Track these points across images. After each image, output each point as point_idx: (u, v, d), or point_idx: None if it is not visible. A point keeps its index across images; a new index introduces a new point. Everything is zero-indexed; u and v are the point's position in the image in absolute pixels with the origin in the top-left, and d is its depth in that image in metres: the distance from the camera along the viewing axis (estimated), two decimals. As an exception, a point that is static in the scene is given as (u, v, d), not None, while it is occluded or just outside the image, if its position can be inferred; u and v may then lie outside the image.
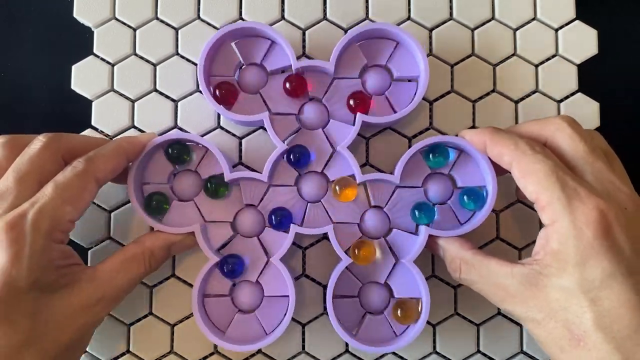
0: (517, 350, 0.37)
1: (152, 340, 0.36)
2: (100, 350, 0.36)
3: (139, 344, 0.37)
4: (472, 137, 0.33)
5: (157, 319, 0.37)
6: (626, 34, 0.39)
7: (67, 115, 0.38)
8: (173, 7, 0.38)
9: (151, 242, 0.33)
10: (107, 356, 0.36)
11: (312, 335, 0.37)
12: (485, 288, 0.31)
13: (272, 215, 0.35)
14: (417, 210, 0.34)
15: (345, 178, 0.35)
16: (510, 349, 0.37)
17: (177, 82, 0.38)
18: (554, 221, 0.28)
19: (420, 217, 0.34)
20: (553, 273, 0.28)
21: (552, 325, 0.28)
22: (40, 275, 0.28)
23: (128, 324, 0.37)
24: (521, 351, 0.37)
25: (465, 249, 0.32)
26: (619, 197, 0.28)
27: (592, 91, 0.38)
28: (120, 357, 0.36)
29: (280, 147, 0.35)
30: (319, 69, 0.36)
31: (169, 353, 0.36)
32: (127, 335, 0.37)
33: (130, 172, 0.34)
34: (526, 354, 0.37)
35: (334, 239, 0.34)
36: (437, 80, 0.38)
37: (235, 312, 0.35)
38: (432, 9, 0.38)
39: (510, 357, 0.37)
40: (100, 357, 0.36)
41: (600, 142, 0.32)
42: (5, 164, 0.31)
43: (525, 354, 0.37)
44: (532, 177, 0.29)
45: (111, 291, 0.31)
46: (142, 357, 0.36)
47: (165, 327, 0.36)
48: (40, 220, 0.28)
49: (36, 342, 0.28)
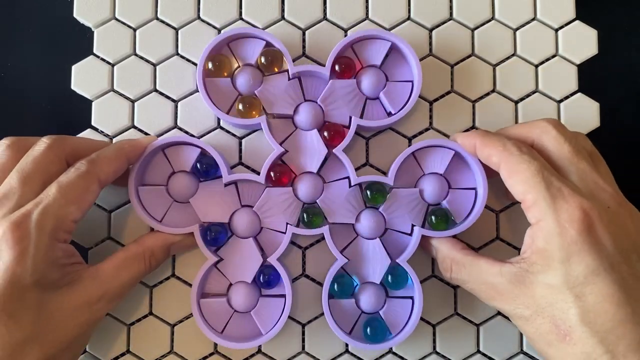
0: (517, 350, 0.37)
1: (152, 340, 0.37)
2: (100, 350, 0.37)
3: (139, 344, 0.37)
4: (463, 140, 0.34)
5: (157, 319, 0.37)
6: (626, 34, 0.39)
7: (67, 115, 0.38)
8: (173, 7, 0.38)
9: (152, 242, 0.34)
10: (107, 356, 0.37)
11: (312, 335, 0.37)
12: (476, 287, 0.32)
13: (207, 231, 0.36)
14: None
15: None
16: (510, 349, 0.37)
17: (177, 82, 0.38)
18: (539, 220, 0.29)
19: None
20: (539, 270, 0.29)
21: (540, 321, 0.29)
22: (44, 274, 0.29)
23: (128, 324, 0.37)
24: (521, 351, 0.37)
25: (456, 249, 0.34)
26: (602, 197, 0.30)
27: (592, 91, 0.38)
28: (120, 357, 0.37)
29: (277, 149, 0.36)
30: (316, 74, 0.37)
31: (169, 353, 0.37)
32: (127, 335, 0.37)
33: (131, 173, 0.35)
34: (526, 354, 0.37)
35: (330, 240, 0.35)
36: (437, 80, 0.38)
37: (232, 313, 0.36)
38: (432, 9, 0.39)
39: (510, 357, 0.37)
40: (100, 357, 0.37)
41: (585, 143, 0.33)
42: (10, 166, 0.32)
43: (525, 354, 0.37)
44: (518, 177, 0.30)
45: (112, 289, 0.32)
46: (142, 357, 0.37)
47: (165, 327, 0.37)
48: (45, 220, 0.30)
49: (39, 338, 0.29)
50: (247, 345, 0.34)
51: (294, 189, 0.36)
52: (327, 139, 0.36)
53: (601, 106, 0.38)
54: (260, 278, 0.35)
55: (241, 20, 0.39)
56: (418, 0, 0.39)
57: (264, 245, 0.36)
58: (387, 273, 0.35)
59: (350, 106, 0.36)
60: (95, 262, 0.33)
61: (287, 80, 0.37)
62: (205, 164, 0.35)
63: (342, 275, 0.36)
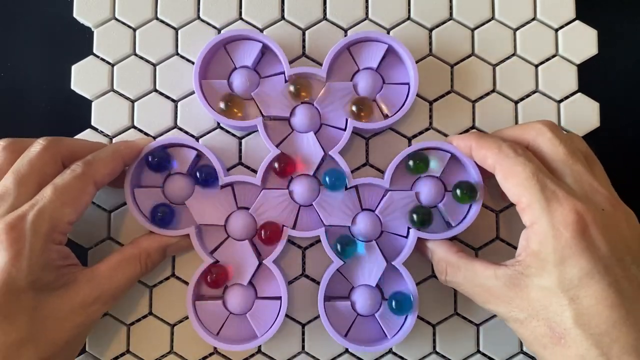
0: (517, 350, 0.37)
1: (152, 340, 0.37)
2: (100, 350, 0.37)
3: (139, 343, 0.37)
4: (459, 142, 0.34)
5: (157, 319, 0.37)
6: (626, 34, 0.39)
7: (67, 116, 0.38)
8: (173, 7, 0.38)
9: (147, 243, 0.35)
10: (107, 356, 0.37)
11: (312, 335, 0.37)
12: (470, 290, 0.32)
13: (155, 210, 0.35)
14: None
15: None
16: (510, 349, 0.37)
17: (177, 82, 0.38)
18: (534, 223, 0.30)
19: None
20: (534, 273, 0.29)
21: (535, 324, 0.29)
22: (39, 275, 0.29)
23: (128, 324, 0.37)
24: (521, 351, 0.37)
25: (451, 252, 0.34)
26: (596, 199, 0.30)
27: (592, 91, 0.38)
28: (120, 357, 0.37)
29: (273, 151, 0.36)
30: (312, 76, 0.37)
31: (169, 353, 0.37)
32: (127, 335, 0.37)
33: (127, 175, 0.35)
34: (526, 354, 0.37)
35: (326, 242, 0.35)
36: (437, 80, 0.38)
37: (228, 315, 0.36)
38: (432, 9, 0.39)
39: (510, 357, 0.37)
40: (100, 357, 0.37)
41: (580, 145, 0.33)
42: (6, 167, 0.32)
43: (525, 354, 0.37)
44: (513, 179, 0.30)
45: (108, 291, 0.32)
46: (141, 357, 0.37)
47: (165, 327, 0.37)
48: (40, 221, 0.30)
49: (34, 340, 0.29)
50: (243, 347, 0.34)
51: (290, 191, 0.36)
52: (264, 239, 0.35)
53: (601, 106, 0.38)
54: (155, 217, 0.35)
55: (241, 20, 0.38)
56: (418, 1, 0.39)
57: (259, 248, 0.36)
58: (392, 298, 0.35)
59: (346, 108, 0.36)
60: (94, 262, 0.33)
61: (284, 82, 0.37)
62: (205, 173, 0.35)
63: (347, 235, 0.36)
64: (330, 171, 0.35)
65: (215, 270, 0.35)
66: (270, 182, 0.37)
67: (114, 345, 0.37)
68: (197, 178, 0.35)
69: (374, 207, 0.36)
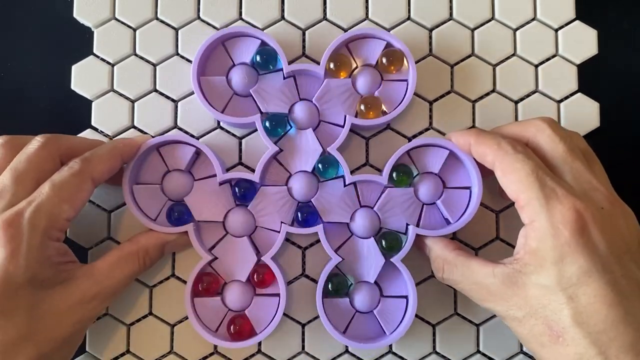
0: (517, 350, 0.37)
1: (152, 340, 0.37)
2: (100, 350, 0.37)
3: (139, 343, 0.37)
4: (458, 138, 0.34)
5: (157, 319, 0.37)
6: (626, 34, 0.39)
7: (67, 115, 0.38)
8: (173, 7, 0.38)
9: (146, 240, 0.34)
10: (107, 356, 0.37)
11: (312, 335, 0.37)
12: (467, 287, 0.32)
13: (171, 210, 0.36)
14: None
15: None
16: (510, 349, 0.37)
17: (177, 82, 0.38)
18: (533, 220, 0.29)
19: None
20: (532, 271, 0.29)
21: (533, 322, 0.29)
22: (37, 272, 0.29)
23: (128, 323, 0.37)
24: (521, 351, 0.37)
25: (448, 249, 0.34)
26: (595, 197, 0.30)
27: (592, 91, 0.38)
28: (120, 357, 0.37)
29: (271, 148, 0.36)
30: (310, 72, 0.37)
31: (169, 353, 0.37)
32: (127, 335, 0.37)
33: (125, 172, 0.35)
34: (526, 355, 0.37)
35: (324, 239, 0.35)
36: (437, 80, 0.38)
37: (226, 312, 0.36)
38: (432, 9, 0.38)
39: (510, 357, 0.37)
40: (100, 357, 0.36)
41: (579, 142, 0.33)
42: (4, 164, 0.32)
43: (525, 354, 0.37)
44: (512, 176, 0.30)
45: (106, 288, 0.32)
46: (141, 357, 0.37)
47: (165, 327, 0.37)
48: (38, 218, 0.29)
49: (32, 337, 0.29)
50: (241, 345, 0.34)
51: (288, 187, 0.36)
52: (232, 333, 0.35)
53: (601, 106, 0.38)
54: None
55: (241, 20, 0.38)
56: (418, 0, 0.39)
57: (258, 244, 0.36)
58: (318, 162, 0.35)
59: (345, 105, 0.36)
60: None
61: (282, 79, 0.37)
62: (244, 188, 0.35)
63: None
64: (322, 158, 0.35)
65: (206, 279, 0.35)
66: (267, 179, 0.36)
67: (113, 345, 0.37)
68: (235, 192, 0.35)
69: (373, 204, 0.36)
